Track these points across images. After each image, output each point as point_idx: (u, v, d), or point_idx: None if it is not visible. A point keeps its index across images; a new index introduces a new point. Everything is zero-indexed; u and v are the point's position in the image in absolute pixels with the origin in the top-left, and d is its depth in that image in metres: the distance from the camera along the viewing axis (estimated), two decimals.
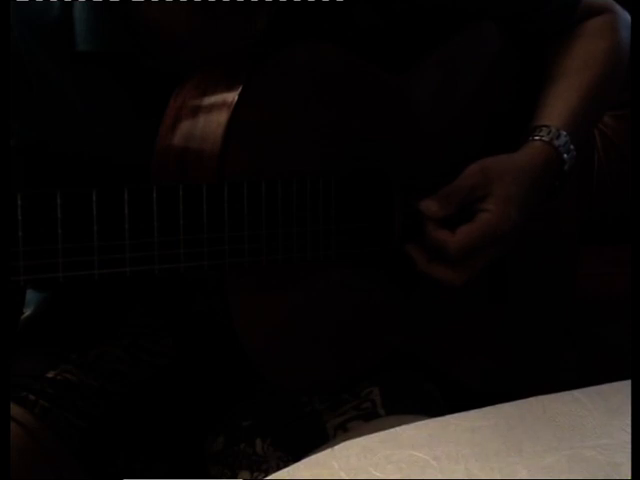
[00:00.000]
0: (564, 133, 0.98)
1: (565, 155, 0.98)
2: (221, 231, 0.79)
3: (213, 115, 0.81)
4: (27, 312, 1.01)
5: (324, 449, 0.73)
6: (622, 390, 0.79)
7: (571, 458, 0.70)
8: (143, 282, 0.76)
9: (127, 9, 0.85)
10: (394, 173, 0.94)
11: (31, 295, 1.01)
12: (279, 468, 0.87)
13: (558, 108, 1.00)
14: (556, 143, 0.97)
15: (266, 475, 0.89)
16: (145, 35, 0.86)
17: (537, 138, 0.98)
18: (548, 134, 0.98)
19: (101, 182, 0.75)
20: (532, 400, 0.79)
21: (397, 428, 0.74)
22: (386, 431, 0.74)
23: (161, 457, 0.97)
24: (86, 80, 0.87)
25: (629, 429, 0.71)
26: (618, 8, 1.07)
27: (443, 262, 0.92)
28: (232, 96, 0.81)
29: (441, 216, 0.92)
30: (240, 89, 0.81)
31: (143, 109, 0.86)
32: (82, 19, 0.84)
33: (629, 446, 0.68)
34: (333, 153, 0.89)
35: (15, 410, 0.88)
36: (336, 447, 0.71)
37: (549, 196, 1.00)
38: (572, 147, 0.98)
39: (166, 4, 0.83)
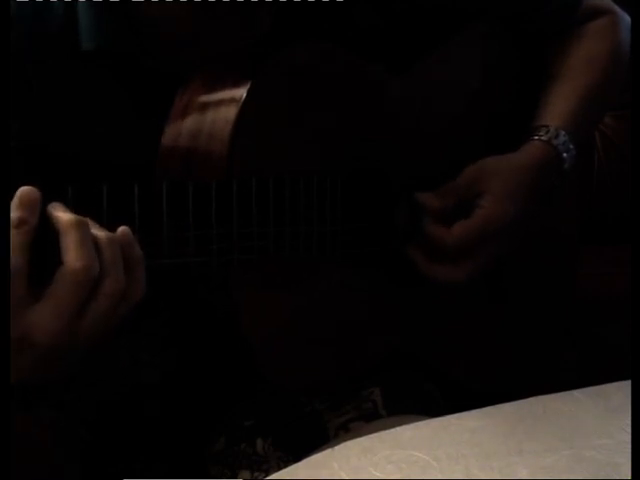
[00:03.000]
0: (563, 132, 0.98)
1: (564, 154, 0.99)
2: (229, 228, 0.80)
3: (220, 113, 0.82)
4: None
5: (324, 449, 0.73)
6: (622, 390, 0.79)
7: (571, 458, 0.70)
8: (146, 278, 0.76)
9: (127, 9, 0.85)
10: (394, 173, 0.95)
11: None
12: (279, 468, 0.87)
13: (558, 108, 1.01)
14: (555, 142, 0.98)
15: (266, 475, 0.89)
16: (145, 35, 0.86)
17: (536, 138, 0.98)
18: (547, 133, 0.98)
19: (101, 182, 0.75)
20: (532, 400, 0.79)
21: (397, 428, 0.74)
22: (386, 431, 0.74)
23: (161, 457, 0.97)
24: (86, 80, 0.87)
25: (629, 429, 0.71)
26: (618, 10, 1.07)
27: (443, 262, 0.93)
28: (239, 95, 0.82)
29: (438, 208, 0.93)
30: (247, 88, 0.81)
31: (143, 109, 0.86)
32: (85, 18, 0.85)
33: (629, 446, 0.68)
34: (333, 153, 0.89)
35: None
36: (336, 447, 0.71)
37: (549, 195, 1.01)
38: (572, 146, 0.99)
39: (166, 4, 0.83)
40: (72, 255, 0.67)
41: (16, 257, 0.65)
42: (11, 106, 0.74)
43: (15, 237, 0.65)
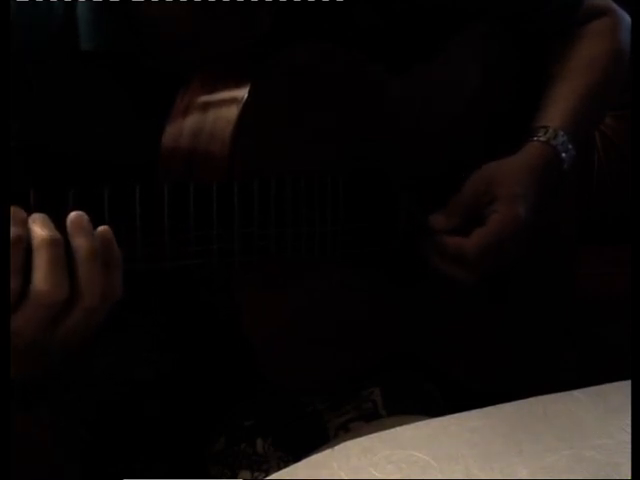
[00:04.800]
0: (562, 133, 0.98)
1: (563, 154, 0.99)
2: (231, 229, 0.80)
3: (221, 114, 0.82)
4: None
5: (324, 449, 0.73)
6: (622, 390, 0.79)
7: (571, 458, 0.70)
8: (148, 279, 0.76)
9: (127, 9, 0.85)
10: (395, 173, 0.95)
11: None
12: (280, 468, 0.87)
13: (557, 109, 1.01)
14: (554, 143, 0.98)
15: (266, 475, 0.89)
16: (145, 35, 0.86)
17: (535, 139, 0.98)
18: (545, 134, 0.98)
19: (101, 182, 0.75)
20: (532, 400, 0.79)
21: (397, 428, 0.74)
22: (386, 431, 0.74)
23: (161, 457, 0.97)
24: (86, 80, 0.87)
25: (629, 429, 0.71)
26: (619, 10, 1.07)
27: (461, 266, 0.93)
28: (240, 96, 0.82)
29: (449, 227, 0.93)
30: (247, 89, 0.81)
31: (143, 109, 0.86)
32: (85, 19, 0.85)
33: (629, 446, 0.68)
34: (334, 153, 0.89)
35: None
36: (336, 447, 0.71)
37: (550, 195, 1.01)
38: (571, 147, 0.99)
39: (166, 4, 0.83)
40: (39, 276, 0.67)
41: None
42: (11, 106, 0.74)
43: None
